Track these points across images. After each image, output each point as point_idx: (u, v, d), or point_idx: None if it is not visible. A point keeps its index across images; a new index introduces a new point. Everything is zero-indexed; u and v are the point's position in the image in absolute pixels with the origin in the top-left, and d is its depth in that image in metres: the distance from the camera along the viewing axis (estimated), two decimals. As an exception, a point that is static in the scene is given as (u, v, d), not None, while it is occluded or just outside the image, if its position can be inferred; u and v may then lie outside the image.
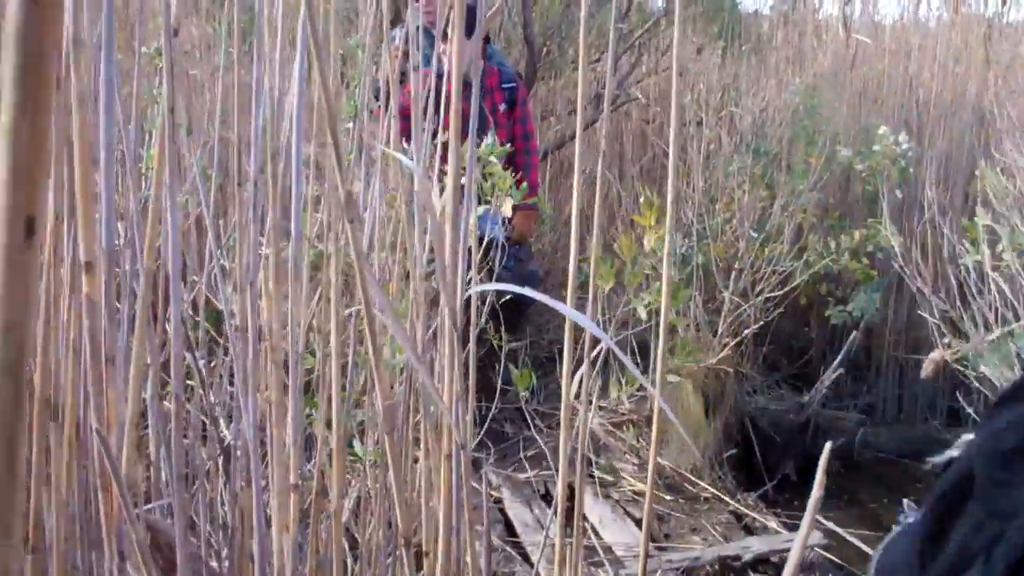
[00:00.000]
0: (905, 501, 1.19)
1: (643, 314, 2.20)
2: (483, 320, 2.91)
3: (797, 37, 7.16)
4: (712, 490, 4.50)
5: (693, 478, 4.56)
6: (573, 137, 6.28)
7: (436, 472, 1.24)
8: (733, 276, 4.92)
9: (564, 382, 1.24)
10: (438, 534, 1.19)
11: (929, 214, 4.27)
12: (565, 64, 6.91)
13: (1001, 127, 4.49)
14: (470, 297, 2.81)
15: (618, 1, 6.78)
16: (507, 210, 3.22)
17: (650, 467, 1.28)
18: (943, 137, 5.89)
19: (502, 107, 4.82)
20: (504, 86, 4.82)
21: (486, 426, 3.60)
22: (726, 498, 4.45)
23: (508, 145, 4.45)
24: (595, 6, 6.97)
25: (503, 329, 4.08)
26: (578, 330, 1.40)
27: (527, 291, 1.02)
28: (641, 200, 2.06)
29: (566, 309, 1.02)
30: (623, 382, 2.22)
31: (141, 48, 1.42)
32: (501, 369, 3.67)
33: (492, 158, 2.90)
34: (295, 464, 1.12)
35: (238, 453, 1.26)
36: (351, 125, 2.19)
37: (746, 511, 4.37)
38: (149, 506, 1.34)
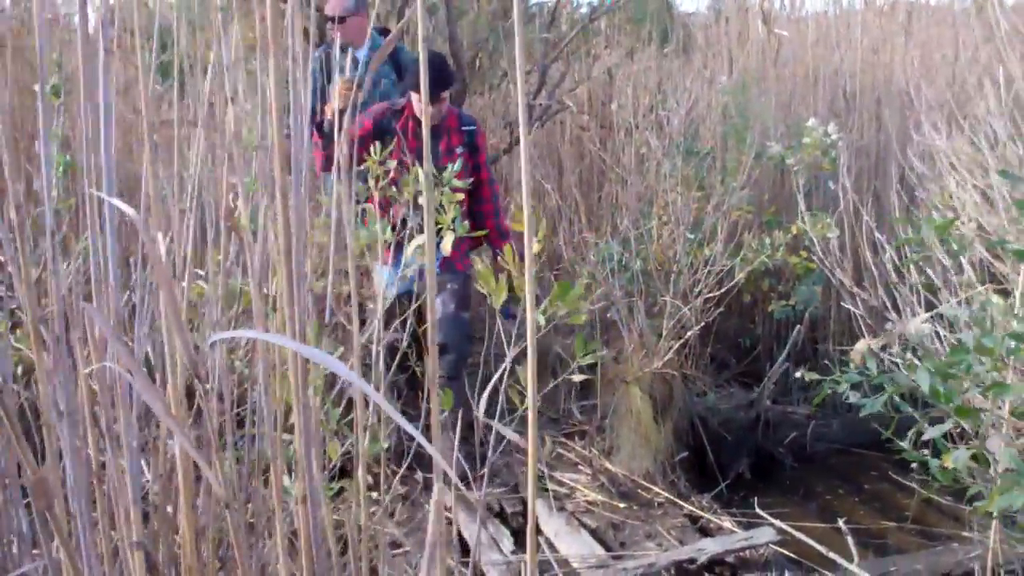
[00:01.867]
0: None
1: (541, 320, 2.19)
2: (405, 345, 2.88)
3: (724, 35, 7.20)
4: (666, 494, 4.49)
5: (646, 483, 4.56)
6: (507, 151, 6.27)
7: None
8: (672, 279, 4.93)
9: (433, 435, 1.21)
10: None
11: (844, 202, 4.28)
12: (496, 77, 6.91)
13: (919, 108, 4.51)
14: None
15: (543, 12, 6.79)
16: (446, 248, 3.18)
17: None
18: (871, 126, 5.95)
19: (459, 149, 4.54)
20: (463, 128, 4.60)
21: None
22: (680, 502, 4.44)
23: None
24: (522, 19, 6.96)
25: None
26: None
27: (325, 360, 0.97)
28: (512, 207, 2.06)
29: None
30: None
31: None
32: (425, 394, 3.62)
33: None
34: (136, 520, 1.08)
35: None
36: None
37: (701, 513, 4.36)
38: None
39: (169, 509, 1.46)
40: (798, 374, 2.79)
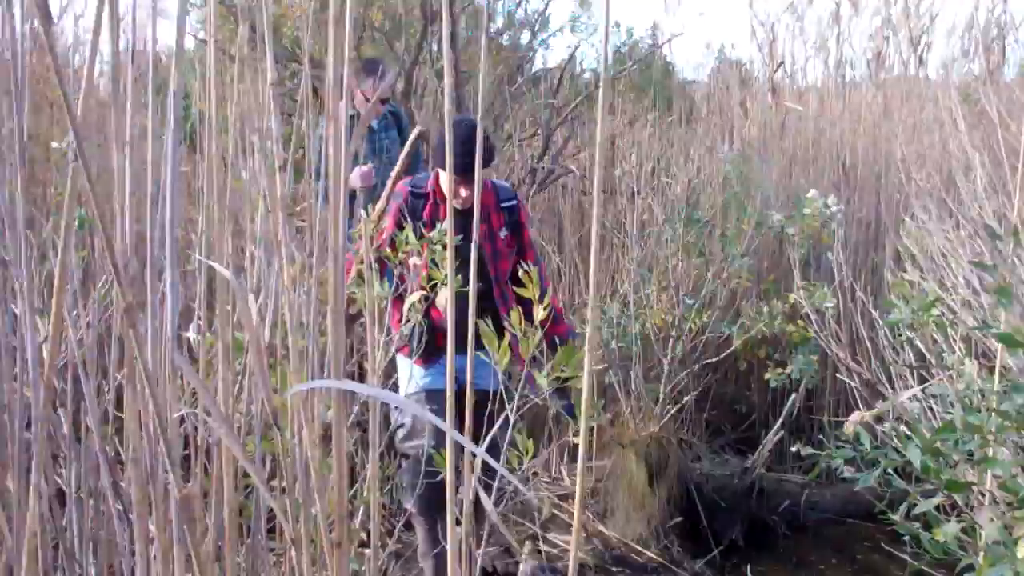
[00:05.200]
0: None
1: (544, 383, 2.22)
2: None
3: (728, 105, 7.31)
4: (659, 559, 4.50)
5: (639, 548, 4.57)
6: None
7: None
8: (671, 344, 4.97)
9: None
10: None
11: (840, 277, 4.34)
12: (501, 140, 7.00)
13: (909, 191, 4.59)
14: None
15: (549, 78, 6.90)
16: (440, 301, 3.14)
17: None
18: (870, 199, 6.02)
19: (502, 233, 3.76)
20: (503, 205, 3.78)
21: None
22: (673, 567, 4.45)
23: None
24: (528, 83, 7.09)
25: None
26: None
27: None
28: (520, 273, 2.10)
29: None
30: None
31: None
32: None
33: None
34: None
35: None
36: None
37: (693, 580, 4.38)
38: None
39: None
40: (794, 448, 2.82)
